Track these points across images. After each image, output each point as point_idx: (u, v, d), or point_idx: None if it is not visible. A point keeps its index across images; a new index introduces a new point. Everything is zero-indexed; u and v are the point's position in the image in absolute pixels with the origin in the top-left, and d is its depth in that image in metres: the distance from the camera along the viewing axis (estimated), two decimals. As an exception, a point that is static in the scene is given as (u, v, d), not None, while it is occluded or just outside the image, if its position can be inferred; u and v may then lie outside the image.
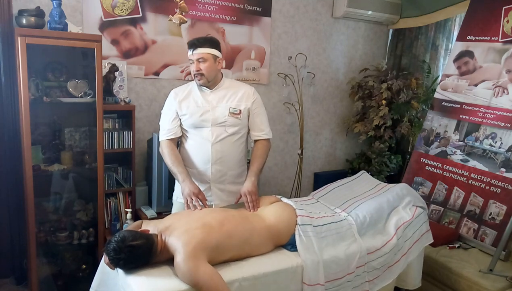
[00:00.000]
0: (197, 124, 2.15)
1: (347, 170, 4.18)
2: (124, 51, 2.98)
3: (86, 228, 2.69)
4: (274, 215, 2.00)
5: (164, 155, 2.14)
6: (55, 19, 2.37)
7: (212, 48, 2.10)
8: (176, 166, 2.08)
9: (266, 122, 2.27)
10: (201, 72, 2.08)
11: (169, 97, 2.22)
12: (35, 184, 2.40)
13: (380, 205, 2.27)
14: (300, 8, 3.71)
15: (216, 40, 2.17)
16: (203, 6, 3.20)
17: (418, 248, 2.29)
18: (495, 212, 2.89)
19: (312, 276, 1.88)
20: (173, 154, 2.12)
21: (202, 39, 2.11)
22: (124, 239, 1.64)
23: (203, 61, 2.08)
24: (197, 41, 2.09)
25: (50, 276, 2.71)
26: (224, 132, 2.16)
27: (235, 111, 2.17)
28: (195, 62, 2.09)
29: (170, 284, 1.62)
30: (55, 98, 2.48)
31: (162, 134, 2.19)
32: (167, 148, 2.14)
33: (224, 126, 2.16)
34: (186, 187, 2.00)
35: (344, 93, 4.17)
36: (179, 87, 2.26)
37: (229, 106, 2.16)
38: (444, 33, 3.91)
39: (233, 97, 2.19)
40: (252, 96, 2.22)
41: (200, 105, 2.15)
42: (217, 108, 2.15)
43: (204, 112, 2.14)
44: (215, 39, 2.16)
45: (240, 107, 2.18)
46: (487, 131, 3.08)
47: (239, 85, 2.26)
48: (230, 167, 2.20)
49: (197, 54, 2.07)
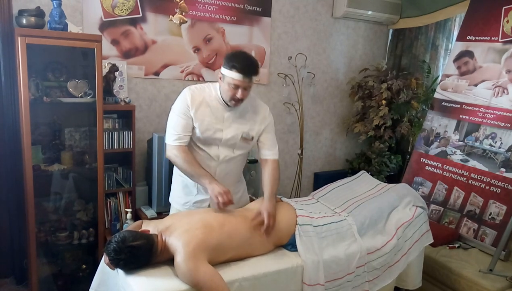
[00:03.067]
0: (207, 140, 2.04)
1: (347, 170, 4.17)
2: (124, 51, 2.97)
3: (86, 228, 2.69)
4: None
5: (179, 158, 1.97)
6: (55, 19, 2.37)
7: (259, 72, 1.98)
8: (197, 168, 1.95)
9: (276, 143, 2.19)
10: (242, 99, 1.94)
11: (184, 98, 2.00)
12: (35, 184, 2.40)
13: (380, 205, 2.28)
14: (300, 8, 3.71)
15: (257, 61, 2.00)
16: (203, 6, 3.20)
17: (418, 248, 2.29)
18: (495, 212, 2.89)
19: (312, 276, 1.88)
20: (191, 157, 1.98)
21: (256, 67, 1.93)
22: (125, 240, 1.64)
23: (248, 88, 1.94)
24: (253, 70, 1.91)
25: (50, 276, 2.71)
26: (231, 153, 2.09)
27: (247, 137, 2.07)
28: (241, 89, 1.91)
29: (170, 284, 1.62)
30: (55, 98, 2.48)
31: (173, 139, 1.99)
32: (183, 152, 1.97)
33: (232, 147, 2.08)
34: (216, 187, 1.90)
35: (344, 93, 4.17)
36: (195, 88, 2.04)
37: (242, 131, 2.05)
38: (444, 33, 3.91)
39: (247, 119, 2.08)
40: (267, 119, 2.13)
41: (214, 122, 2.01)
42: (230, 129, 2.04)
43: (216, 131, 2.02)
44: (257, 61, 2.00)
45: (252, 133, 2.08)
46: (487, 131, 3.08)
47: (255, 105, 2.12)
48: (231, 182, 2.14)
49: (247, 82, 1.91)
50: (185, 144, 2.00)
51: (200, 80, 3.30)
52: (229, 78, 1.90)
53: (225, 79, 1.92)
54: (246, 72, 1.88)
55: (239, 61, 1.89)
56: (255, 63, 1.95)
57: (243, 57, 1.93)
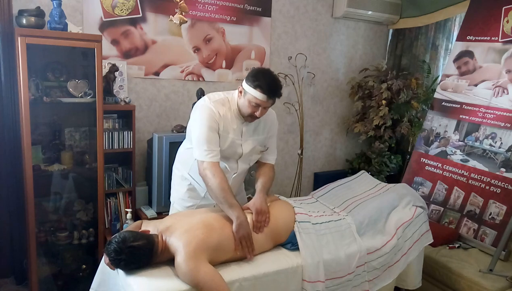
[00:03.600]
0: (227, 155, 2.01)
1: (347, 170, 4.18)
2: (124, 51, 2.97)
3: (86, 228, 2.69)
4: (273, 212, 1.99)
5: (212, 180, 1.85)
6: (55, 19, 2.37)
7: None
8: (230, 196, 1.84)
9: (275, 147, 2.18)
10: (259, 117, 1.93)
11: (211, 111, 1.92)
12: (35, 184, 2.39)
13: (380, 205, 2.28)
14: (300, 8, 3.71)
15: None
16: (203, 6, 3.20)
17: (418, 248, 2.29)
18: (495, 212, 2.89)
19: (312, 274, 1.88)
20: (225, 182, 1.87)
21: (280, 89, 1.91)
22: (125, 240, 1.64)
23: (268, 108, 1.93)
24: (278, 92, 1.90)
25: (50, 276, 2.70)
26: (247, 165, 2.11)
27: (263, 149, 2.10)
28: (261, 109, 1.88)
29: (170, 285, 1.62)
30: (55, 98, 2.48)
31: (207, 155, 1.89)
32: (218, 174, 1.86)
33: (249, 161, 2.10)
34: (242, 228, 1.79)
35: (344, 93, 4.17)
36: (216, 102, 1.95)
37: (258, 143, 2.05)
38: (444, 33, 3.91)
39: (261, 130, 2.07)
40: (275, 125, 2.14)
41: (234, 138, 1.98)
42: (247, 142, 2.02)
43: (237, 146, 2.00)
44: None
45: (266, 144, 2.11)
46: (487, 131, 3.08)
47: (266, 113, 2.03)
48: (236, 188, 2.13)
49: (270, 103, 1.90)
50: (219, 161, 1.92)
51: (200, 80, 3.30)
52: (251, 96, 1.86)
53: (246, 95, 1.88)
54: (271, 94, 1.86)
55: (265, 82, 1.84)
56: (280, 85, 1.91)
57: (268, 78, 1.88)
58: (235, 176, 2.07)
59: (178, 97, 3.24)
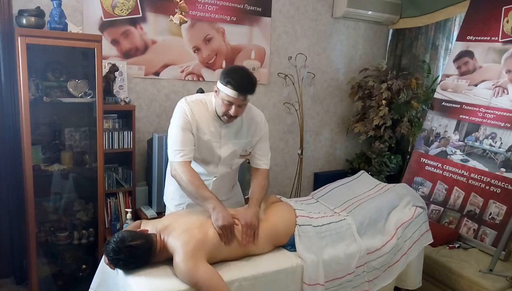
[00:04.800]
0: (204, 158, 2.00)
1: (347, 170, 4.17)
2: (124, 51, 2.98)
3: (86, 228, 2.69)
4: (273, 215, 2.00)
5: (183, 180, 1.84)
6: (55, 19, 2.37)
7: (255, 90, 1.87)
8: (203, 190, 1.82)
9: (269, 151, 2.10)
10: (237, 116, 1.87)
11: (183, 112, 1.90)
12: (35, 184, 2.39)
13: (379, 205, 2.28)
14: (300, 8, 3.71)
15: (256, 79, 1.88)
16: (203, 6, 3.20)
17: (418, 248, 2.29)
18: (495, 212, 2.88)
19: (312, 276, 1.88)
20: (196, 177, 1.85)
21: (252, 85, 1.84)
22: (123, 239, 1.65)
23: (243, 106, 1.87)
24: (249, 88, 1.83)
25: (50, 276, 2.70)
26: (229, 169, 2.07)
27: (245, 154, 2.05)
28: (235, 106, 1.83)
29: (170, 284, 1.62)
30: (55, 98, 2.48)
31: (177, 155, 1.87)
32: (188, 171, 1.84)
33: (230, 165, 2.06)
34: (220, 217, 1.75)
35: (344, 93, 4.17)
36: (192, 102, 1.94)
37: (239, 147, 2.01)
38: (444, 33, 3.91)
39: (244, 134, 2.01)
40: (263, 129, 2.05)
41: (212, 140, 1.95)
42: (227, 146, 1.98)
43: (214, 149, 1.97)
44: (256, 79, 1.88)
45: (249, 148, 2.05)
46: (487, 131, 3.08)
47: (251, 116, 2.02)
48: (225, 191, 2.11)
49: (242, 99, 1.82)
50: (190, 159, 1.89)
51: (200, 80, 3.30)
52: (224, 94, 1.82)
53: (220, 94, 1.84)
54: (241, 89, 1.80)
55: (235, 78, 1.80)
56: (252, 80, 1.85)
57: (240, 74, 1.83)
58: (216, 180, 2.04)
59: (178, 97, 3.16)
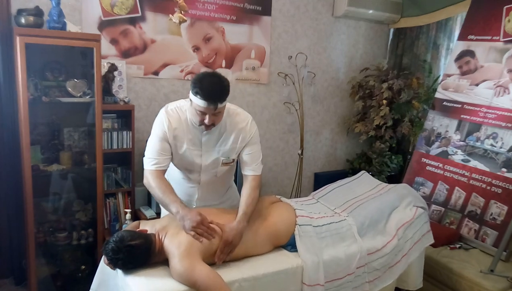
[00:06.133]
0: (186, 167, 1.95)
1: (348, 170, 4.16)
2: (123, 50, 2.96)
3: (85, 228, 2.67)
4: (273, 215, 1.99)
5: (151, 187, 1.81)
6: (54, 18, 2.36)
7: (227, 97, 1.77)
8: (167, 195, 1.77)
9: (259, 156, 1.97)
10: (213, 124, 1.79)
11: (161, 122, 1.86)
12: (34, 184, 2.39)
13: (380, 206, 2.27)
14: (301, 7, 3.70)
15: (227, 82, 1.78)
16: (202, 5, 3.19)
17: (419, 249, 2.28)
18: (496, 212, 2.87)
19: (312, 276, 1.87)
20: (163, 183, 1.81)
21: (222, 94, 1.74)
22: (123, 239, 1.65)
23: (219, 114, 1.78)
24: (218, 97, 1.72)
25: (49, 277, 2.69)
26: (214, 177, 1.98)
27: (228, 161, 1.93)
28: (208, 115, 1.74)
29: (169, 285, 1.62)
30: (54, 98, 2.47)
31: (149, 163, 1.85)
32: (156, 179, 1.81)
33: (214, 173, 1.96)
34: (186, 220, 1.68)
35: (345, 93, 4.16)
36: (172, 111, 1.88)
37: (222, 155, 1.91)
38: (445, 33, 3.90)
39: (227, 140, 1.90)
40: (249, 133, 1.91)
41: (191, 149, 1.89)
42: (209, 154, 1.90)
43: (195, 156, 1.90)
44: (228, 83, 1.77)
45: (233, 155, 1.93)
46: (488, 131, 3.07)
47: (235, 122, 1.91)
48: (216, 197, 2.07)
49: (212, 109, 1.72)
50: (164, 169, 1.86)
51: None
52: (195, 104, 1.74)
53: (192, 103, 1.77)
54: (210, 99, 1.70)
55: (204, 87, 1.70)
56: (222, 88, 1.74)
57: (208, 81, 1.72)
58: (201, 187, 2.00)
59: (177, 97, 3.21)
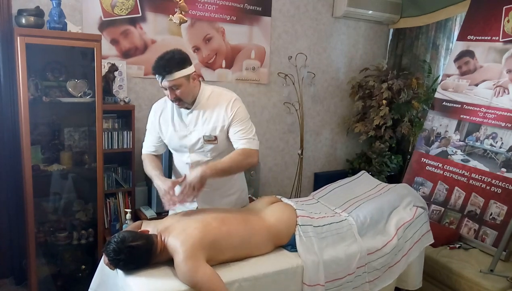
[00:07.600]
0: (176, 149, 2.05)
1: (348, 170, 4.17)
2: (124, 50, 2.97)
3: (85, 228, 2.68)
4: (274, 215, 1.99)
5: (145, 164, 2.04)
6: (55, 18, 2.36)
7: (182, 68, 1.80)
8: (150, 170, 1.98)
9: (249, 131, 1.95)
10: (178, 98, 1.85)
11: (150, 114, 2.09)
12: (35, 184, 2.39)
13: (380, 205, 2.27)
14: (300, 8, 3.70)
15: (182, 56, 1.83)
16: (203, 5, 3.19)
17: (418, 249, 2.28)
18: (496, 212, 2.88)
19: (312, 276, 1.87)
20: (153, 160, 2.03)
21: (168, 64, 1.78)
22: (124, 240, 1.64)
23: (177, 88, 1.82)
24: (163, 69, 1.78)
25: (50, 276, 2.70)
26: (204, 157, 1.98)
27: (210, 139, 1.94)
28: (169, 90, 1.83)
29: (170, 285, 1.62)
30: (55, 98, 2.47)
31: (145, 149, 2.11)
32: (146, 158, 2.06)
33: (203, 151, 1.98)
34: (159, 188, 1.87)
35: (345, 93, 4.16)
36: (158, 102, 2.09)
37: (205, 134, 1.94)
38: (444, 33, 3.91)
39: (209, 118, 1.94)
40: (231, 110, 1.92)
41: (177, 130, 1.98)
42: (193, 133, 1.95)
43: (181, 138, 1.98)
44: (181, 56, 1.83)
45: (215, 133, 1.93)
46: (488, 131, 3.07)
47: (219, 100, 1.95)
48: (216, 186, 2.03)
49: (167, 83, 1.80)
50: (156, 153, 2.10)
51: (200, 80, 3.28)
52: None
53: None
54: (156, 71, 1.81)
55: (154, 62, 1.82)
56: (168, 60, 1.79)
57: (158, 58, 1.82)
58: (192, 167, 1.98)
59: (178, 97, 3.23)
